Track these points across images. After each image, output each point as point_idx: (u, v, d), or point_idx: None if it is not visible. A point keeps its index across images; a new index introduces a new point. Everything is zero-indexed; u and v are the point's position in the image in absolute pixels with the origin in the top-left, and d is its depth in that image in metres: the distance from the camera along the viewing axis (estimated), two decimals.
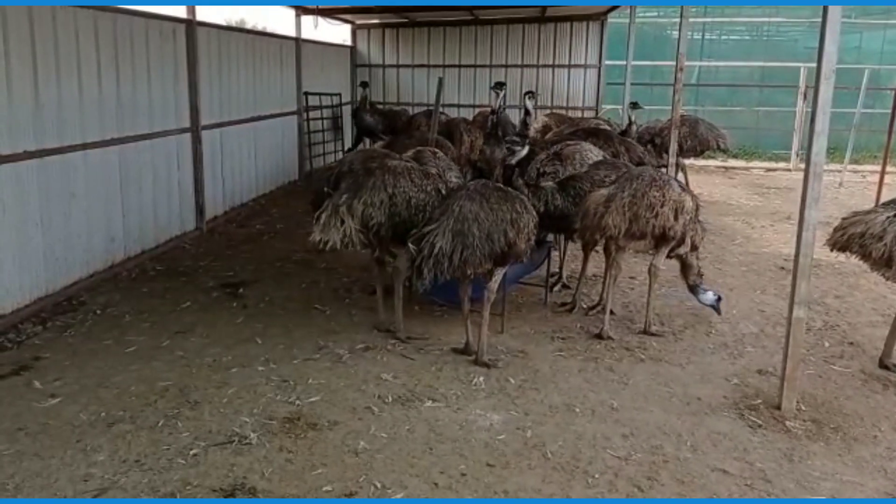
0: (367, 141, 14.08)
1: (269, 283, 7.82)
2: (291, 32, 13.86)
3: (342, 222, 5.92)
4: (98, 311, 6.85)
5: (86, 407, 5.00)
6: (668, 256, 6.62)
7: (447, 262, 5.43)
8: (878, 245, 5.53)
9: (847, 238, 5.71)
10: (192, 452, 4.45)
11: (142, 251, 8.49)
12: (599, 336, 6.48)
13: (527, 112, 10.94)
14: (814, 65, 4.96)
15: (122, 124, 8.10)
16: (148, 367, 5.67)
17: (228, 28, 11.62)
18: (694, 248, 6.54)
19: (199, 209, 9.75)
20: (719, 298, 6.75)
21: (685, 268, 6.71)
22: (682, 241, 6.42)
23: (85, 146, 7.47)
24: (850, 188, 14.15)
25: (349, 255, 8.18)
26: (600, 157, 7.69)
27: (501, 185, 6.06)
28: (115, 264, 7.99)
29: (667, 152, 10.02)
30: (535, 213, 6.00)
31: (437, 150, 8.06)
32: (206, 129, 9.82)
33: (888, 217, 5.56)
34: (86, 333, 6.35)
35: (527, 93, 11.07)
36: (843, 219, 5.88)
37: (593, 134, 9.21)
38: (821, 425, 4.98)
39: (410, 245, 5.52)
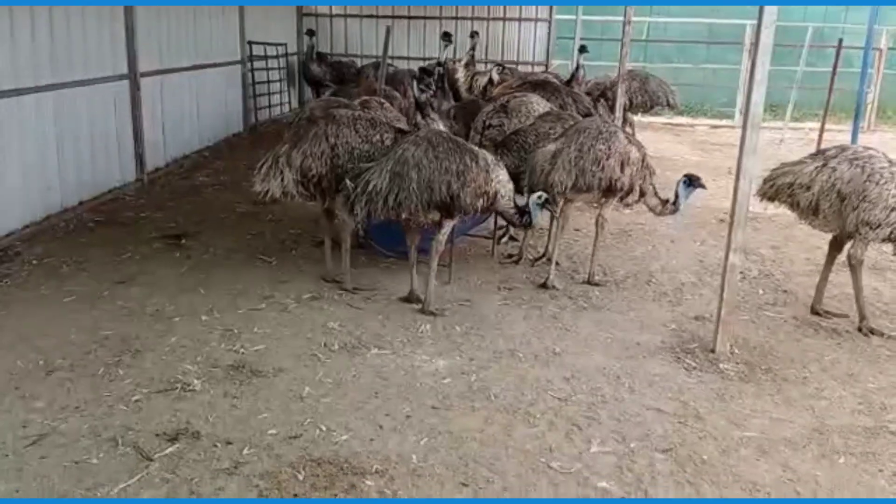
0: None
1: (214, 235, 7.70)
2: None
3: (281, 173, 5.85)
4: (35, 262, 6.66)
5: (24, 355, 4.91)
6: (627, 205, 6.73)
7: (381, 202, 5.48)
8: (806, 194, 5.71)
9: (776, 189, 5.89)
10: (133, 399, 4.42)
11: (79, 202, 8.25)
12: (544, 286, 6.59)
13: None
14: None
15: (57, 70, 7.80)
16: (87, 317, 5.57)
17: None
18: (642, 193, 6.60)
19: (140, 160, 9.48)
20: (694, 180, 6.65)
21: (651, 210, 6.79)
22: (630, 191, 6.52)
23: (18, 92, 7.18)
24: (791, 145, 14.48)
25: (295, 207, 8.08)
26: (547, 110, 7.71)
27: (457, 138, 5.99)
28: (51, 215, 7.75)
29: None
30: (501, 171, 5.92)
31: (384, 100, 7.98)
32: (144, 77, 9.49)
33: (816, 167, 5.74)
34: (22, 284, 6.18)
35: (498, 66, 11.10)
36: (773, 170, 6.06)
37: (540, 86, 9.21)
38: (753, 367, 5.19)
39: (347, 181, 5.55)
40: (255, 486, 3.69)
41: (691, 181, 6.63)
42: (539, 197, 6.05)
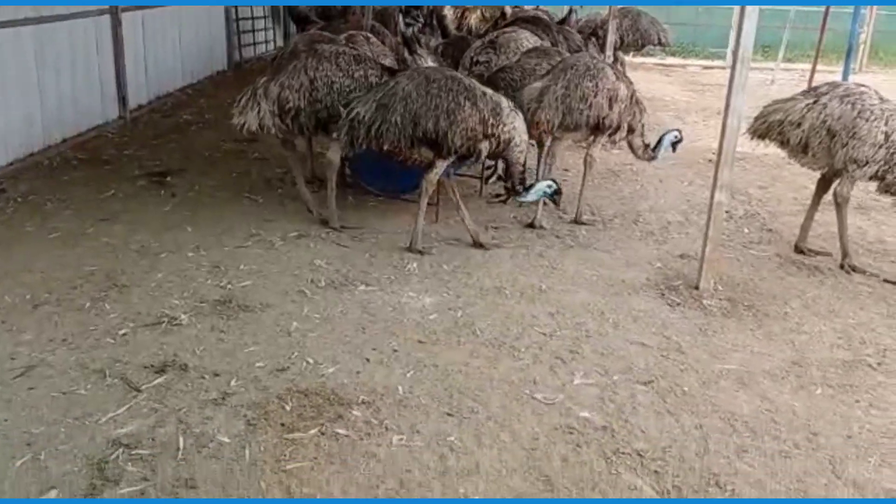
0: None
1: (198, 173, 7.63)
2: None
3: (258, 105, 5.81)
4: (19, 199, 6.60)
5: (10, 290, 4.90)
6: (613, 143, 6.71)
7: (364, 130, 5.48)
8: (797, 132, 5.70)
9: (767, 126, 5.87)
10: (121, 332, 4.44)
11: (62, 139, 8.13)
12: (531, 225, 6.60)
13: None
14: None
15: (37, 3, 7.59)
16: (72, 253, 5.54)
17: None
18: (630, 130, 6.56)
19: (122, 97, 9.31)
20: (679, 140, 6.80)
21: (633, 150, 6.78)
22: (618, 129, 6.48)
23: None
24: (782, 86, 14.39)
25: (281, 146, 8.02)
26: (535, 46, 7.59)
27: (460, 76, 5.80)
28: (34, 152, 7.66)
29: None
30: (517, 118, 5.75)
31: (370, 35, 7.83)
32: (126, 12, 9.27)
33: (807, 104, 5.71)
34: (7, 221, 6.13)
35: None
36: (765, 107, 6.03)
37: (531, 22, 9.05)
38: (735, 303, 5.26)
39: (340, 107, 5.60)
40: (243, 416, 3.73)
41: (678, 141, 6.72)
42: (549, 186, 5.96)
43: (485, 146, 5.69)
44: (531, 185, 5.97)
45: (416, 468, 3.44)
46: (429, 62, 6.82)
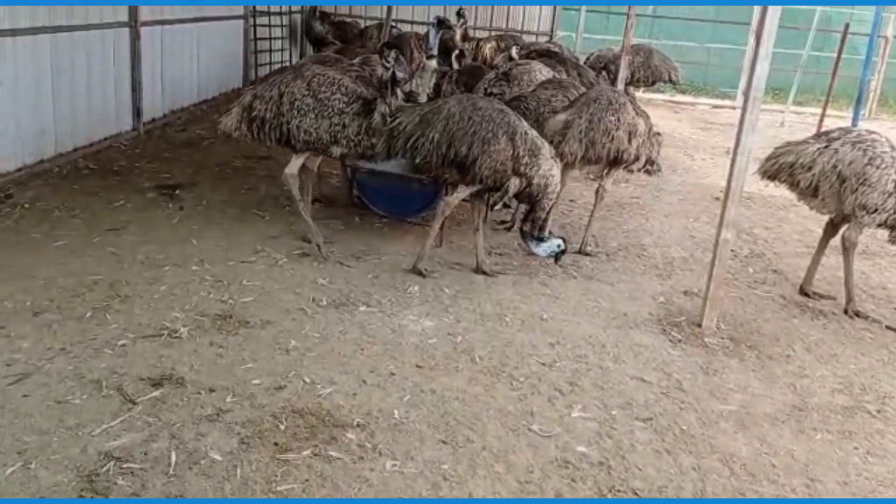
0: None
1: (208, 187, 7.66)
2: None
3: (234, 108, 6.04)
4: (27, 205, 6.62)
5: (11, 296, 4.89)
6: (630, 172, 6.85)
7: (402, 140, 5.58)
8: (807, 175, 5.70)
9: (777, 167, 5.88)
10: (120, 343, 4.43)
11: (74, 148, 8.18)
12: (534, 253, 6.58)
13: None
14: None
15: (56, 12, 7.69)
16: (77, 262, 5.55)
17: None
18: (650, 163, 6.67)
19: (137, 109, 9.39)
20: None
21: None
22: (635, 161, 6.55)
23: (14, 32, 7.08)
24: (791, 128, 14.44)
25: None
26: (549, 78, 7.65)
27: (510, 112, 5.78)
28: (45, 159, 7.70)
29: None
30: (554, 165, 5.80)
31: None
32: (145, 26, 9.37)
33: (819, 148, 5.72)
34: (13, 227, 6.16)
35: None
36: (776, 148, 6.05)
37: (545, 55, 9.12)
38: (738, 343, 5.23)
39: (389, 117, 5.81)
40: (237, 433, 3.70)
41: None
42: (558, 246, 6.04)
43: (514, 183, 5.71)
44: (544, 239, 6.02)
45: (409, 496, 3.40)
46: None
